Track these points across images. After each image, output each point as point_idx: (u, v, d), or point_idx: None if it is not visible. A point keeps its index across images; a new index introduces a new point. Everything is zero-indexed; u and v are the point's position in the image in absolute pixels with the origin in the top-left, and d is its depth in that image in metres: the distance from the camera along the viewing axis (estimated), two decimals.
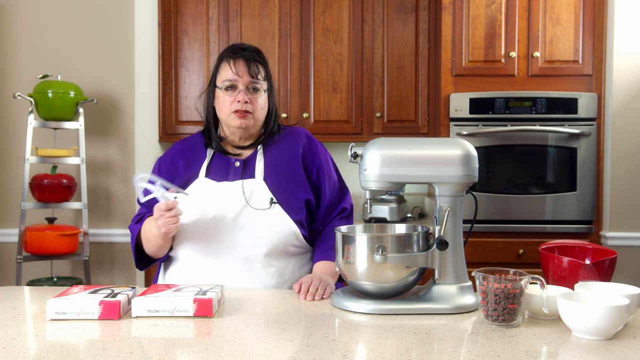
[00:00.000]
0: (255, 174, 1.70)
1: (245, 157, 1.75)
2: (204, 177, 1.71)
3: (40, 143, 3.06)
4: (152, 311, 1.34)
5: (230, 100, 1.69)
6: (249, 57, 1.71)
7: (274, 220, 1.66)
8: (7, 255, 3.10)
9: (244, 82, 1.69)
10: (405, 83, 3.45)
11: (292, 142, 1.78)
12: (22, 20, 3.09)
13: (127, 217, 3.09)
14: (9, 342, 1.17)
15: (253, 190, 1.68)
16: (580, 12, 3.06)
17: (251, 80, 1.69)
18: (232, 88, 1.70)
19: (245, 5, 3.43)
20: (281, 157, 1.75)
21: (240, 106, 1.68)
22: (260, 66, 1.72)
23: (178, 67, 3.47)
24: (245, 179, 1.70)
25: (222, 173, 1.72)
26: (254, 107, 1.70)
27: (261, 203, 1.67)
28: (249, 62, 1.70)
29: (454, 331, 1.25)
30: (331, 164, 1.83)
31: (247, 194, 1.67)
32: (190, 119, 3.48)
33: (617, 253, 1.53)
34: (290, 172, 1.73)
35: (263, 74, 1.72)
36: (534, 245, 3.00)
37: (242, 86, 1.69)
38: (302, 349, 1.13)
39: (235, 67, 1.69)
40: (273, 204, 1.66)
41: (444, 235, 1.42)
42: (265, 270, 1.67)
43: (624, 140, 3.00)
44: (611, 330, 1.18)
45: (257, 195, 1.67)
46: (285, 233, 1.67)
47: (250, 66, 1.69)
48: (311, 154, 1.77)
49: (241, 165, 1.73)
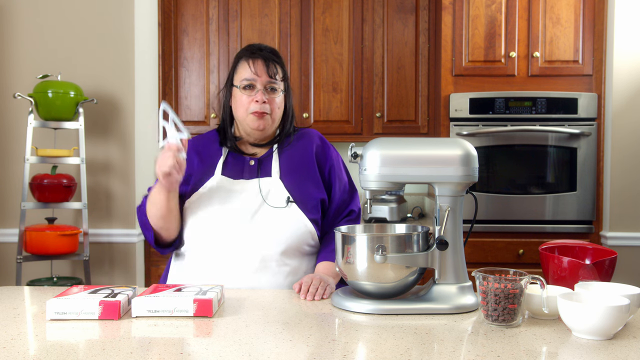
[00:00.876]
0: (271, 173, 1.71)
1: (260, 156, 1.76)
2: (220, 175, 1.71)
3: (40, 143, 3.06)
4: (152, 311, 1.34)
5: (248, 100, 1.69)
6: (268, 57, 1.70)
7: (290, 218, 1.66)
8: (7, 255, 3.10)
9: (262, 81, 1.69)
10: (405, 83, 3.45)
11: (306, 142, 1.79)
12: (22, 20, 3.09)
13: (127, 217, 3.09)
14: (9, 342, 1.17)
15: (270, 189, 1.68)
16: (580, 12, 3.06)
17: (269, 81, 1.69)
18: (250, 87, 1.70)
19: (245, 5, 3.43)
20: (296, 157, 1.75)
21: (258, 107, 1.68)
22: (278, 66, 1.72)
23: (178, 67, 3.47)
24: (261, 177, 1.70)
25: (238, 171, 1.72)
26: (272, 108, 1.70)
27: (278, 201, 1.67)
28: (267, 62, 1.69)
29: (454, 331, 1.25)
30: (342, 165, 1.84)
31: (264, 192, 1.67)
32: (190, 119, 3.48)
33: (617, 253, 1.53)
34: (305, 172, 1.73)
35: (281, 75, 1.72)
36: (534, 245, 3.00)
37: (260, 86, 1.69)
38: (302, 349, 1.13)
39: (254, 66, 1.69)
40: (290, 202, 1.66)
41: (444, 235, 1.42)
42: (279, 269, 1.67)
43: (624, 140, 3.00)
44: (611, 330, 1.18)
45: (274, 193, 1.68)
46: (301, 232, 1.67)
47: (269, 66, 1.69)
48: (324, 154, 1.78)
49: (256, 164, 1.73)
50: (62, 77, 3.01)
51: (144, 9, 3.23)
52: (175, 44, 3.46)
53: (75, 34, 3.09)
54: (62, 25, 3.09)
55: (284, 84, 1.74)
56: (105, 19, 3.08)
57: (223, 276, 1.65)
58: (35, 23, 3.09)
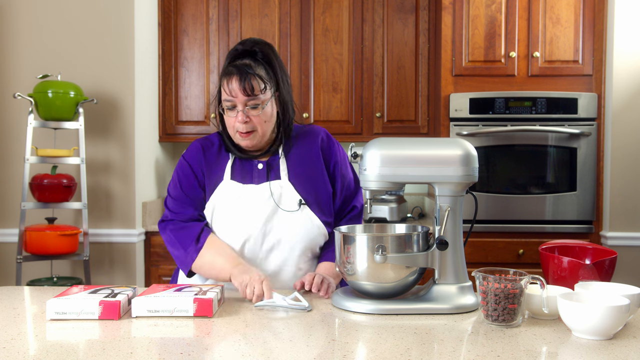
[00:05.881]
0: (280, 175, 1.68)
1: (267, 159, 1.72)
2: (230, 180, 1.68)
3: (40, 143, 3.06)
4: (152, 311, 1.34)
5: (232, 120, 1.63)
6: (243, 71, 1.59)
7: (304, 222, 1.65)
8: (7, 255, 3.10)
9: (241, 101, 1.60)
10: (405, 83, 3.45)
11: (312, 140, 1.74)
12: (22, 20, 3.09)
13: (127, 217, 3.09)
14: (9, 342, 1.17)
15: (281, 192, 1.65)
16: (580, 12, 3.06)
17: (246, 99, 1.60)
18: (232, 108, 1.63)
19: (245, 5, 3.43)
20: (303, 157, 1.72)
21: (241, 127, 1.62)
22: (255, 80, 1.59)
23: (178, 67, 3.47)
24: (271, 180, 1.67)
25: (247, 175, 1.69)
26: (256, 124, 1.63)
27: (290, 205, 1.65)
28: (242, 79, 1.58)
29: (454, 331, 1.25)
30: (347, 162, 1.79)
31: (276, 196, 1.65)
32: (190, 119, 3.48)
33: (617, 253, 1.53)
34: (313, 170, 1.70)
35: (261, 86, 1.60)
36: (534, 245, 3.00)
37: (240, 106, 1.60)
38: (302, 349, 1.13)
39: (228, 87, 1.60)
40: (302, 205, 1.65)
41: (444, 235, 1.42)
42: (295, 273, 1.67)
43: (624, 140, 3.00)
44: (611, 330, 1.18)
45: (286, 196, 1.65)
46: (314, 234, 1.66)
47: (244, 83, 1.58)
48: (329, 150, 1.74)
49: (265, 167, 1.69)
50: (62, 77, 3.01)
51: (144, 9, 3.23)
52: (175, 44, 3.46)
53: (75, 34, 3.09)
54: (62, 25, 3.09)
55: (270, 90, 1.64)
56: (105, 19, 3.08)
57: None
58: (35, 23, 3.09)
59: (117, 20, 3.08)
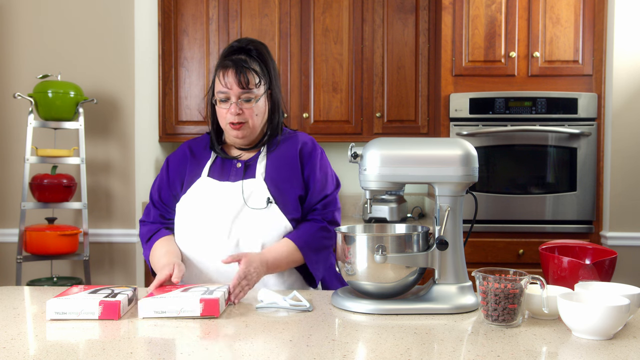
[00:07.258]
0: (256, 175, 1.71)
1: (247, 159, 1.76)
2: (207, 177, 1.73)
3: (40, 143, 3.06)
4: (159, 312, 1.33)
5: (224, 112, 1.69)
6: (239, 65, 1.66)
7: (270, 219, 1.66)
8: (7, 255, 3.10)
9: (235, 93, 1.66)
10: (405, 83, 3.45)
11: (293, 144, 1.77)
12: (22, 20, 3.09)
13: (127, 217, 3.09)
14: (9, 342, 1.17)
15: (252, 190, 1.68)
16: (580, 12, 3.06)
17: (241, 92, 1.66)
18: (226, 100, 1.68)
19: (245, 5, 3.43)
20: (283, 158, 1.75)
21: (233, 119, 1.67)
22: (251, 74, 1.67)
23: (178, 67, 3.47)
24: (246, 179, 1.71)
25: (225, 174, 1.73)
26: (248, 116, 1.68)
27: (258, 203, 1.67)
28: (238, 72, 1.65)
29: (454, 331, 1.25)
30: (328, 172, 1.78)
31: (246, 194, 1.68)
32: (190, 119, 3.48)
33: (617, 253, 1.53)
34: (287, 171, 1.73)
35: (255, 80, 1.68)
36: (534, 245, 3.00)
37: (234, 98, 1.67)
38: (302, 349, 1.13)
39: (224, 79, 1.66)
40: (269, 203, 1.67)
41: (444, 235, 1.42)
42: None
43: (624, 140, 3.00)
44: (611, 330, 1.18)
45: (256, 194, 1.68)
46: (280, 232, 1.67)
47: (240, 76, 1.65)
48: (309, 156, 1.75)
49: (242, 167, 1.74)
50: (62, 77, 3.01)
51: (144, 9, 3.23)
52: (175, 44, 3.46)
53: (75, 34, 3.09)
54: (62, 25, 3.09)
55: (264, 87, 1.71)
56: (105, 19, 3.08)
57: (207, 277, 1.67)
58: (35, 23, 3.09)
59: (117, 20, 3.08)
